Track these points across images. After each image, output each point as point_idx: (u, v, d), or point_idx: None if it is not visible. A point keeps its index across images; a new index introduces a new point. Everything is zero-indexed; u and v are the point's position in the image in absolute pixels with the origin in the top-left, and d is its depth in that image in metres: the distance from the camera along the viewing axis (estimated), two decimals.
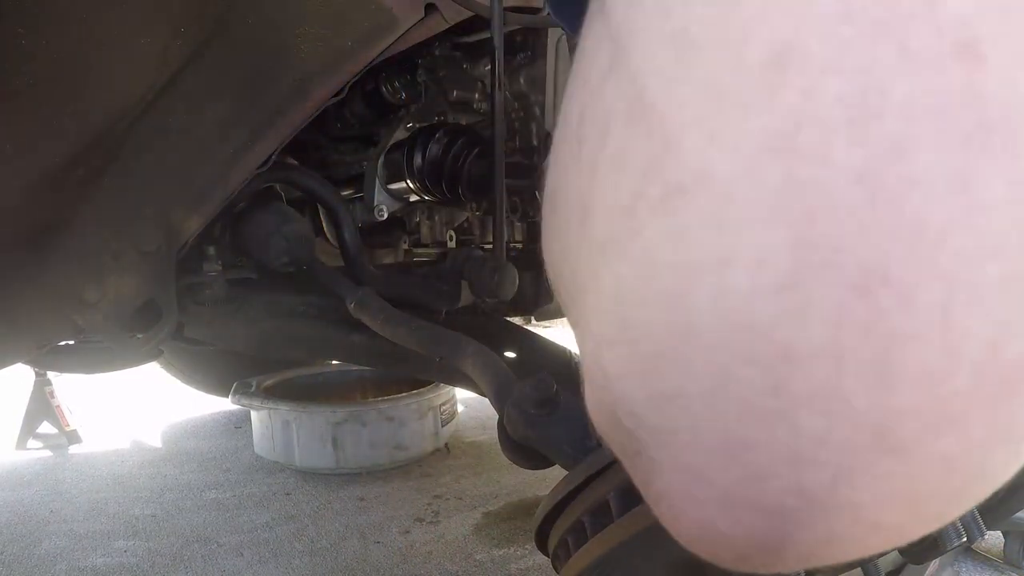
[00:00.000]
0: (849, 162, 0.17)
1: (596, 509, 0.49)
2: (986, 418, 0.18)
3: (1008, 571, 1.29)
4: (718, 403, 0.19)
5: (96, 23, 0.73)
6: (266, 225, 1.09)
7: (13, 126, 0.75)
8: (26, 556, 1.47)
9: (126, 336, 0.95)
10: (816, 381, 0.18)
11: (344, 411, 1.85)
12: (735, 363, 0.19)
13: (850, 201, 0.17)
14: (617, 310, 0.21)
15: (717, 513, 0.21)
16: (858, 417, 0.18)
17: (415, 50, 1.03)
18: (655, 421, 0.21)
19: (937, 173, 0.16)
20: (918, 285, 0.17)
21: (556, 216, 0.25)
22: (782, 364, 0.18)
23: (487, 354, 0.81)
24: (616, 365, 0.22)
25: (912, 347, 0.17)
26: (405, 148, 1.20)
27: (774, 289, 0.18)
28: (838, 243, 0.17)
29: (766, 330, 0.18)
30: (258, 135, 0.89)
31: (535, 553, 1.42)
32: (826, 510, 0.20)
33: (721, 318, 0.18)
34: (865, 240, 0.17)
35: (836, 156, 0.17)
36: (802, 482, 0.19)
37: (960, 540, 0.44)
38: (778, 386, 0.18)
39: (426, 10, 0.89)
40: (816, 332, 0.18)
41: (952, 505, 0.21)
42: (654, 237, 0.19)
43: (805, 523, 0.20)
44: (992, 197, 0.16)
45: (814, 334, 0.18)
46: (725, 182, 0.18)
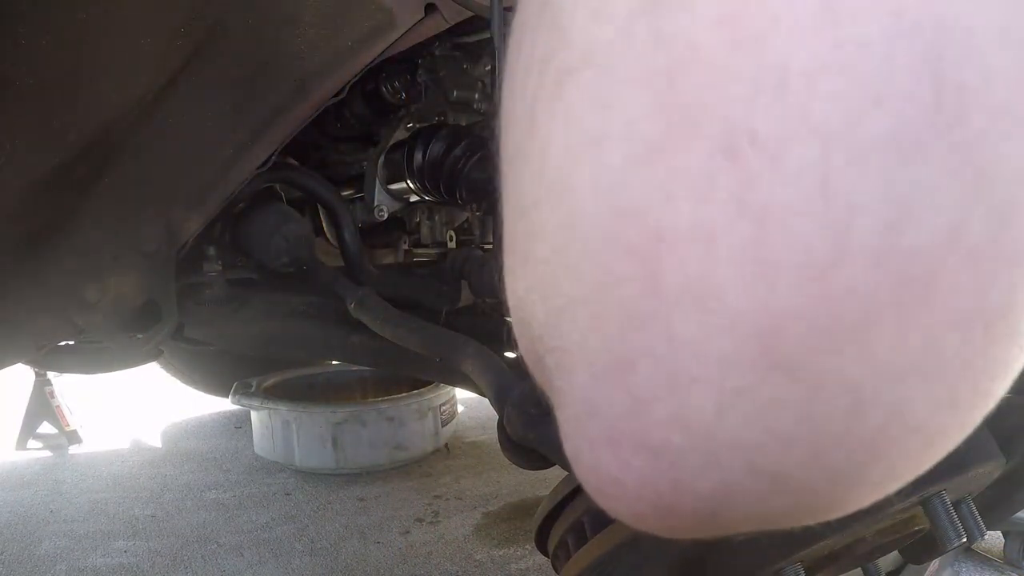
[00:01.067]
0: (710, 4, 0.15)
1: (596, 510, 0.49)
2: (894, 330, 0.14)
3: (1008, 571, 1.29)
4: (599, 308, 0.17)
5: (96, 23, 0.73)
6: (266, 225, 1.09)
7: (13, 126, 0.75)
8: (26, 556, 1.47)
9: (126, 336, 0.95)
10: (689, 270, 0.15)
11: (344, 411, 1.85)
12: (614, 254, 0.16)
13: (711, 48, 0.15)
14: (521, 220, 0.19)
15: (605, 454, 0.18)
16: (737, 318, 0.15)
17: (415, 50, 1.03)
18: (552, 340, 0.19)
19: (799, 6, 0.14)
20: (789, 141, 0.14)
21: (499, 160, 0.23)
22: (654, 249, 0.16)
23: (487, 354, 0.81)
24: (522, 282, 0.20)
25: (789, 223, 0.14)
26: (405, 148, 1.20)
27: (644, 161, 0.16)
28: (701, 98, 0.15)
29: (640, 209, 0.16)
30: (258, 135, 0.89)
31: (535, 553, 1.42)
32: (713, 449, 0.16)
33: (599, 202, 0.16)
34: (728, 92, 0.14)
35: (696, 1, 0.15)
36: (683, 409, 0.16)
37: (960, 540, 0.44)
38: (653, 278, 0.16)
39: (426, 10, 0.89)
40: (684, 207, 0.15)
41: (872, 461, 0.16)
42: (545, 128, 0.18)
43: (693, 468, 0.17)
44: (867, 30, 0.14)
45: (683, 210, 0.15)
46: (603, 53, 0.16)
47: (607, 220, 0.16)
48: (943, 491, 0.45)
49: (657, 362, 0.16)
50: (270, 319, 1.16)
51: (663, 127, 0.15)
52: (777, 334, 0.15)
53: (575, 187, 0.17)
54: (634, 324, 0.16)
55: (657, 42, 0.15)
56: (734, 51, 0.14)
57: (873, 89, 0.13)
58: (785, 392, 0.15)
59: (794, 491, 0.17)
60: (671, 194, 0.15)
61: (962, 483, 0.47)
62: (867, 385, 0.15)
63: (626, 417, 0.17)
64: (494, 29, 0.85)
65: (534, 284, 0.19)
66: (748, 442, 0.16)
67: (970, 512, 0.47)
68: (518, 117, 0.20)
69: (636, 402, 0.17)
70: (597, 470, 0.19)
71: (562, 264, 0.18)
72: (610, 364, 0.17)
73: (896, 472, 0.17)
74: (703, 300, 0.15)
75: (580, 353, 0.18)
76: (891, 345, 0.15)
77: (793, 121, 0.14)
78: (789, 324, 0.14)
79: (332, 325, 1.14)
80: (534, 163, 0.19)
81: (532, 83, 0.19)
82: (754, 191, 0.14)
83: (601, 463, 0.19)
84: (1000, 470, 0.50)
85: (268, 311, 1.16)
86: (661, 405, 0.17)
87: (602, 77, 0.16)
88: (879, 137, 0.14)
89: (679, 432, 0.17)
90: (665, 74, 0.15)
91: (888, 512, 0.44)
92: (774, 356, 0.15)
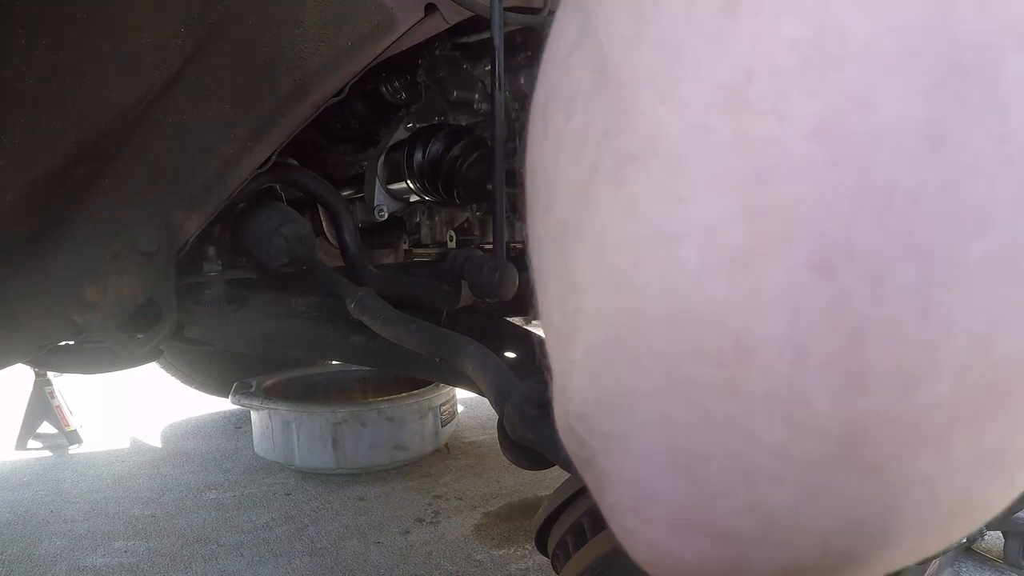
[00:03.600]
0: (804, 114, 0.14)
1: (595, 511, 0.49)
2: (972, 434, 0.15)
3: (1008, 571, 1.29)
4: (666, 405, 0.17)
5: (96, 23, 0.73)
6: (266, 225, 1.09)
7: (14, 126, 0.75)
8: (26, 556, 1.47)
9: (126, 336, 0.95)
10: (774, 379, 0.15)
11: (344, 411, 1.85)
12: (684, 357, 0.16)
13: (806, 160, 0.14)
14: (571, 297, 0.19)
15: (667, 535, 0.18)
16: (822, 425, 0.15)
17: (415, 50, 1.03)
18: (603, 426, 0.19)
19: (906, 126, 0.14)
20: (889, 263, 0.14)
21: (528, 204, 0.22)
22: (735, 358, 0.15)
23: (487, 354, 0.81)
24: (569, 361, 0.19)
25: (884, 340, 0.14)
26: (405, 148, 1.20)
27: (725, 267, 0.15)
28: (794, 211, 0.14)
29: (717, 316, 0.15)
30: (258, 135, 0.89)
31: (535, 553, 1.42)
32: (788, 536, 0.17)
33: (670, 302, 0.16)
34: (825, 207, 0.14)
35: (790, 108, 0.14)
36: (759, 502, 0.16)
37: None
38: (731, 385, 0.16)
39: (426, 10, 0.89)
40: (772, 319, 0.15)
41: (934, 538, 0.18)
42: (606, 212, 0.17)
43: (764, 551, 0.17)
44: (973, 156, 0.13)
45: (770, 321, 0.15)
46: (674, 144, 0.16)
47: (679, 322, 0.16)
48: None
49: (733, 460, 0.16)
50: (270, 319, 1.16)
51: (750, 235, 0.15)
52: (862, 439, 0.15)
53: (641, 282, 0.16)
54: (708, 424, 0.16)
55: (742, 144, 0.15)
56: (834, 166, 0.14)
57: (978, 213, 0.14)
58: (865, 488, 0.16)
59: (860, 565, 0.18)
60: (757, 305, 0.15)
61: None
62: (942, 479, 0.16)
63: (693, 506, 0.17)
64: (494, 29, 0.85)
65: (584, 364, 0.19)
66: (824, 529, 0.16)
67: None
68: (571, 183, 0.19)
69: (706, 493, 0.17)
70: (654, 547, 0.19)
71: (622, 355, 0.17)
72: (677, 457, 0.17)
73: (952, 538, 0.19)
74: (788, 407, 0.15)
75: (639, 443, 0.18)
76: (968, 446, 0.15)
77: (895, 243, 0.14)
78: (875, 430, 0.15)
79: (332, 325, 1.14)
80: (590, 243, 0.18)
81: (589, 156, 0.18)
82: (849, 307, 0.14)
83: (659, 542, 0.19)
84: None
85: (268, 311, 1.16)
86: (734, 497, 0.17)
87: (674, 171, 0.16)
88: (981, 260, 0.14)
89: (752, 520, 0.17)
90: (753, 180, 0.15)
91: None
92: (858, 458, 0.15)
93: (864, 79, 0.14)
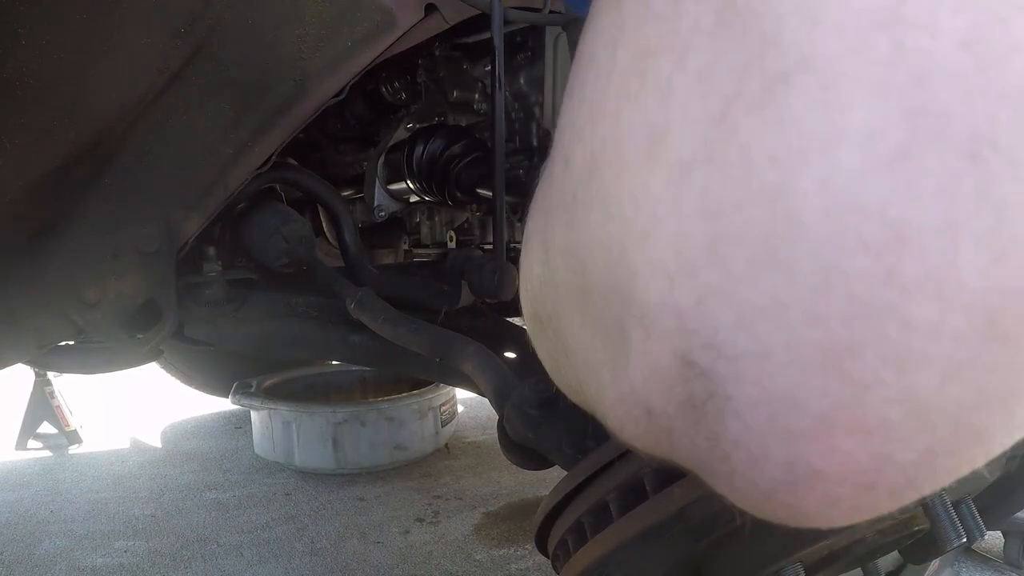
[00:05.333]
0: (954, 29, 0.17)
1: (596, 509, 0.49)
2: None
3: (1008, 571, 1.29)
4: (821, 306, 0.18)
5: (96, 23, 0.73)
6: (266, 225, 1.09)
7: (13, 126, 0.75)
8: (26, 556, 1.47)
9: (126, 336, 0.95)
10: (931, 261, 0.17)
11: (344, 411, 1.85)
12: (844, 254, 0.18)
13: (957, 67, 0.17)
14: (704, 227, 0.20)
15: (809, 445, 0.20)
16: (973, 301, 0.17)
17: (415, 51, 1.03)
18: (742, 345, 0.20)
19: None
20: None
21: (606, 161, 0.23)
22: (896, 246, 0.17)
23: (487, 355, 0.81)
24: (696, 292, 0.20)
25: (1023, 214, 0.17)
26: (405, 148, 1.20)
27: (887, 163, 0.17)
28: (948, 109, 0.17)
29: (879, 209, 0.17)
30: (258, 135, 0.89)
31: (535, 553, 1.42)
32: (930, 418, 0.19)
33: (830, 203, 0.18)
34: (973, 105, 0.17)
35: (942, 24, 0.17)
36: (908, 387, 0.18)
37: (960, 540, 0.44)
38: (891, 272, 0.18)
39: (426, 11, 0.89)
40: (931, 205, 0.17)
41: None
42: (752, 134, 0.19)
43: (907, 438, 0.19)
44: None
45: (928, 207, 0.17)
46: (831, 62, 0.18)
47: (839, 222, 0.18)
48: (943, 491, 0.45)
49: (887, 347, 0.18)
50: (270, 319, 1.16)
51: (909, 134, 0.17)
52: (1004, 310, 0.17)
53: (799, 190, 0.18)
54: (862, 315, 0.18)
55: (899, 56, 0.17)
56: (978, 70, 0.17)
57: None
58: (999, 358, 0.18)
59: (985, 440, 0.20)
60: (916, 193, 0.17)
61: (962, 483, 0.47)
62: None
63: (843, 403, 0.19)
64: (494, 29, 0.85)
65: (720, 291, 0.20)
66: (962, 404, 0.18)
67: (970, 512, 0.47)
68: (696, 120, 0.20)
69: (857, 387, 0.19)
70: (792, 468, 0.20)
71: (775, 267, 0.19)
72: (827, 357, 0.19)
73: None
74: (942, 286, 0.17)
75: (784, 351, 0.19)
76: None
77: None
78: (1014, 301, 0.17)
79: (332, 325, 1.14)
80: (733, 168, 0.19)
81: (723, 88, 0.20)
82: (994, 189, 0.17)
83: (797, 456, 0.20)
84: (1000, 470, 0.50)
85: (268, 311, 1.16)
86: (885, 386, 0.18)
87: (833, 84, 0.18)
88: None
89: (899, 408, 0.19)
90: (912, 86, 0.17)
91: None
92: (1000, 329, 0.18)
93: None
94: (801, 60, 0.18)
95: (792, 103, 0.18)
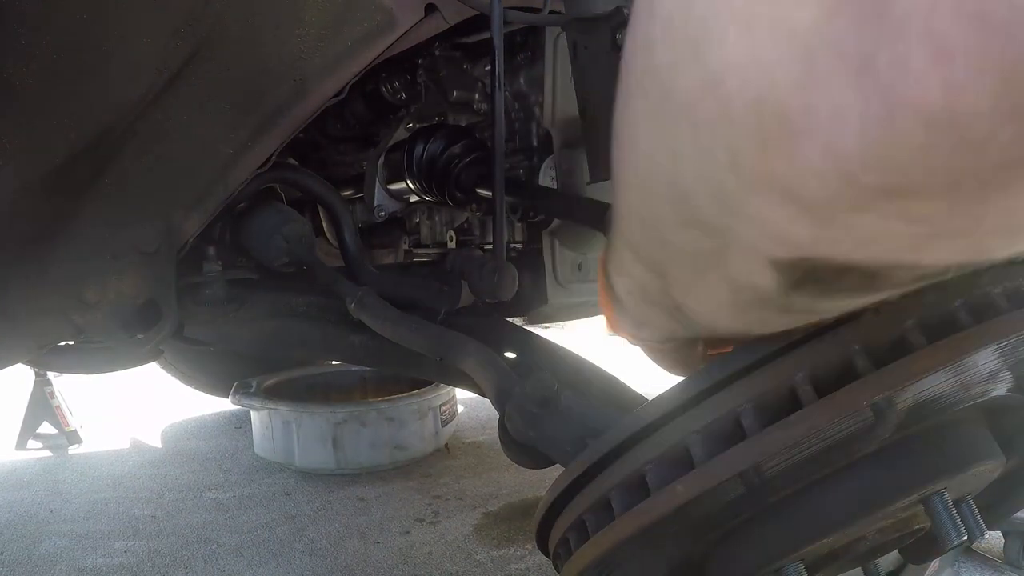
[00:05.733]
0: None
1: (598, 507, 0.49)
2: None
3: (1008, 571, 1.29)
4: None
5: (96, 23, 0.73)
6: (266, 225, 1.09)
7: (13, 126, 0.75)
8: (26, 556, 1.47)
9: (126, 336, 0.95)
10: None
11: (344, 411, 1.85)
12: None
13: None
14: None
15: (956, 28, 0.18)
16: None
17: (415, 50, 1.03)
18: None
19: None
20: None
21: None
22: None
23: (487, 354, 0.81)
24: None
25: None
26: (405, 148, 1.20)
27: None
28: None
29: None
30: (258, 135, 0.89)
31: (535, 553, 1.42)
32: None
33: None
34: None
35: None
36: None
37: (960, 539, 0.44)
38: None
39: (426, 10, 0.89)
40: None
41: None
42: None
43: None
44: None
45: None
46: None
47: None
48: (943, 490, 0.45)
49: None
50: (270, 319, 1.16)
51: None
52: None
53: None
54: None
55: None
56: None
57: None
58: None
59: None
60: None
61: (963, 481, 0.47)
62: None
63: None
64: (494, 29, 0.85)
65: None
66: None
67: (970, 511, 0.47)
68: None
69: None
70: (946, 51, 0.19)
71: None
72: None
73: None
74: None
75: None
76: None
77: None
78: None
79: (332, 325, 1.14)
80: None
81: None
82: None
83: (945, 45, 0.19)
84: (1000, 469, 0.50)
85: (268, 311, 1.16)
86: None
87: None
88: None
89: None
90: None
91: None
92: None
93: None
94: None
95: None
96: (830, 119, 0.22)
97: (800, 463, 0.41)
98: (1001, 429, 0.49)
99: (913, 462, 0.44)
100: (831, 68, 0.22)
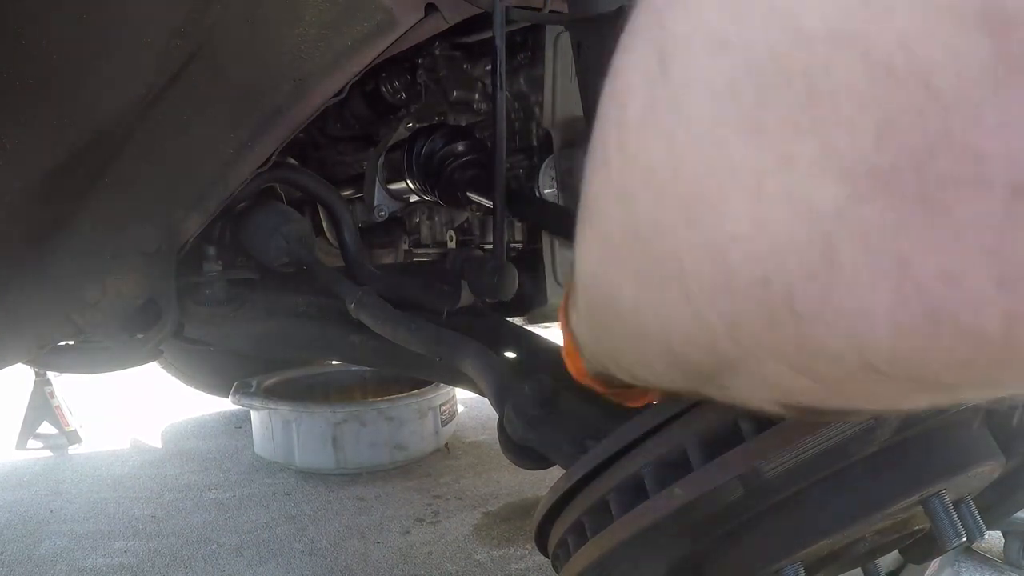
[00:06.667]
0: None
1: (596, 509, 0.49)
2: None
3: (1008, 571, 1.29)
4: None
5: (96, 23, 0.73)
6: (266, 225, 1.09)
7: (13, 126, 0.75)
8: (26, 556, 1.47)
9: (126, 336, 0.95)
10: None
11: (344, 411, 1.85)
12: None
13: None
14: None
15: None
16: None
17: (415, 50, 1.03)
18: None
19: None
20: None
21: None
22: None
23: (487, 354, 0.81)
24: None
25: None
26: (405, 148, 1.20)
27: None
28: None
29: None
30: (258, 135, 0.89)
31: (535, 553, 1.42)
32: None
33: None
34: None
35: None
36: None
37: (960, 540, 0.44)
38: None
39: (426, 10, 0.89)
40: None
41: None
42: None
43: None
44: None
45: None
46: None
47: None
48: (943, 491, 0.45)
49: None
50: (270, 319, 1.16)
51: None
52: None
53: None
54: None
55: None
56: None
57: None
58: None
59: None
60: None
61: (962, 482, 0.47)
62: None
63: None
64: (496, 28, 0.85)
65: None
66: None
67: (970, 512, 0.47)
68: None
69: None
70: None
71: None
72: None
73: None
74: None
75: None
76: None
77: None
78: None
79: (332, 325, 1.14)
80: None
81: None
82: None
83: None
84: (1000, 470, 0.50)
85: (268, 311, 1.16)
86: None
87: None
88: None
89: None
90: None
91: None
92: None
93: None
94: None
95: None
96: (854, 316, 0.20)
97: (800, 465, 0.41)
98: (1001, 429, 0.49)
99: (912, 464, 0.44)
100: (856, 263, 0.19)
